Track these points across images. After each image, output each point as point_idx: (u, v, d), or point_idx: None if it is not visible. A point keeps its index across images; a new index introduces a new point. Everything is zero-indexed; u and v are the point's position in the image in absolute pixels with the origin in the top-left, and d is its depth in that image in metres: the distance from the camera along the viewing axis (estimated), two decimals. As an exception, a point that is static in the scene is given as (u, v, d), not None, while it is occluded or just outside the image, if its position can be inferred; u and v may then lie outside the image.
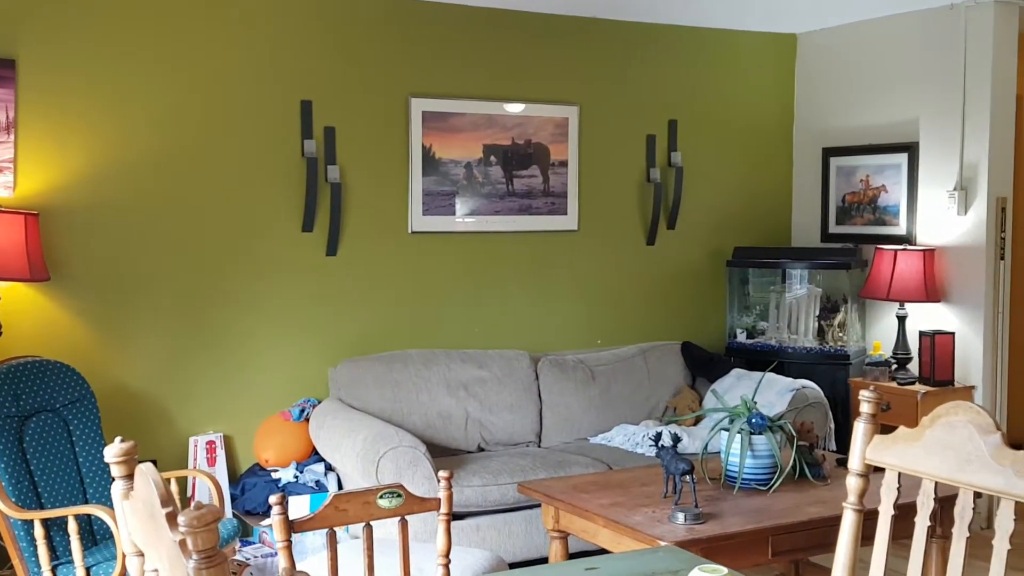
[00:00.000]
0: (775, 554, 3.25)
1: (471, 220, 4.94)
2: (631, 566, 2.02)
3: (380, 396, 4.44)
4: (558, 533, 3.56)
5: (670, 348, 5.27)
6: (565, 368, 4.90)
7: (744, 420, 3.53)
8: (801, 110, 5.79)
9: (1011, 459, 1.66)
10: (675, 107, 5.47)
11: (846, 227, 5.52)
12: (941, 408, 1.77)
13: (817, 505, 3.36)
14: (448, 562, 2.21)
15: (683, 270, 5.56)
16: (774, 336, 5.42)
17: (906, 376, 4.88)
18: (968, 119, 4.84)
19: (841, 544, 1.90)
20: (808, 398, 4.69)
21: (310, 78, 4.55)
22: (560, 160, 5.15)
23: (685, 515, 3.15)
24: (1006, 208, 4.86)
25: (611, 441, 4.71)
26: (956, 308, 4.93)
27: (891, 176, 5.25)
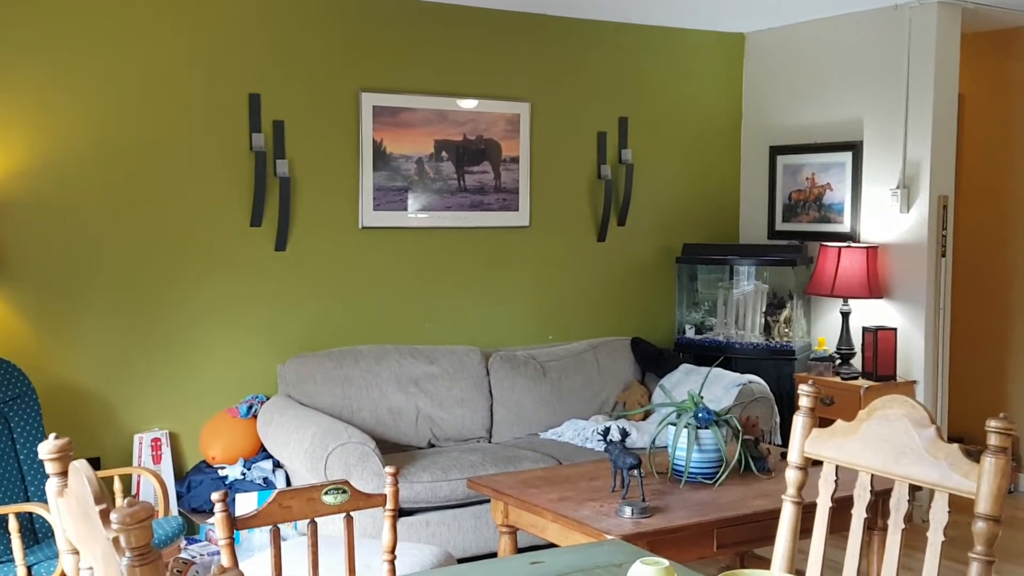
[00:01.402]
0: (720, 546, 3.30)
1: (422, 216, 4.93)
2: (576, 559, 2.04)
3: (329, 392, 4.41)
4: (507, 528, 3.57)
5: (620, 344, 5.31)
6: (516, 364, 4.92)
7: (691, 415, 3.57)
8: (749, 108, 5.86)
9: (945, 452, 1.70)
10: (626, 105, 5.50)
11: (792, 224, 5.60)
12: (877, 402, 1.81)
13: (762, 498, 3.41)
14: (394, 558, 2.21)
15: (633, 266, 5.60)
16: (722, 332, 5.48)
17: (849, 371, 4.97)
18: (911, 118, 4.94)
19: (780, 536, 1.93)
20: (754, 393, 4.75)
21: (259, 71, 4.50)
22: (512, 156, 5.15)
23: (632, 509, 3.18)
24: (947, 206, 4.96)
25: (561, 436, 4.73)
26: (898, 304, 5.03)
27: (836, 174, 5.34)
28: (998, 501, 1.60)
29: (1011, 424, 1.60)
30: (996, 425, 1.60)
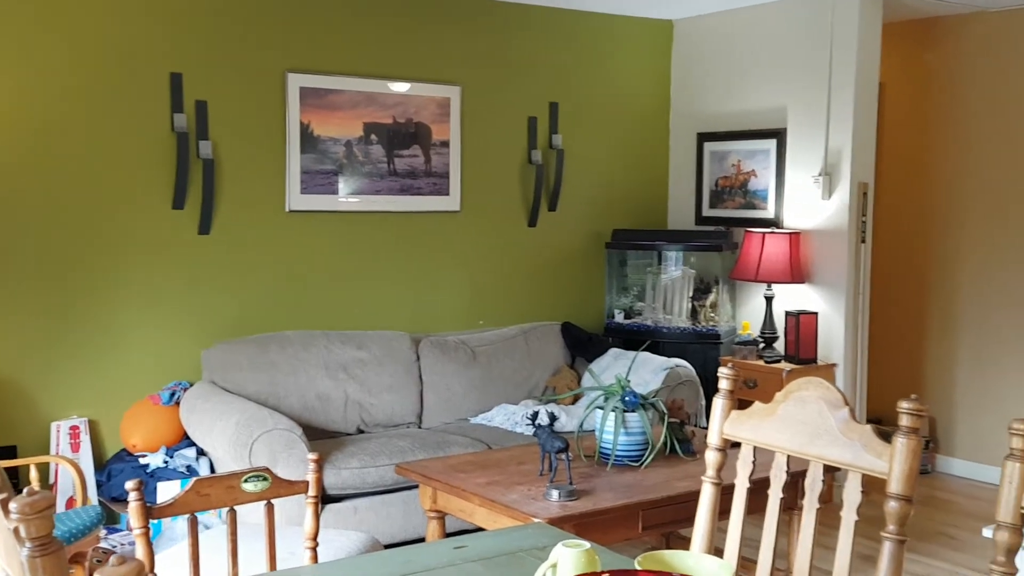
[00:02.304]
0: (645, 528, 3.35)
1: (352, 200, 4.87)
2: (499, 543, 2.04)
3: (255, 379, 4.34)
4: (435, 513, 3.57)
5: (550, 328, 5.33)
6: (446, 349, 4.91)
7: (618, 398, 3.61)
8: (677, 95, 5.91)
9: (859, 433, 1.74)
10: (556, 90, 5.51)
11: (719, 210, 5.68)
12: (793, 384, 1.85)
13: (686, 480, 3.47)
14: (316, 545, 2.19)
15: (564, 252, 5.63)
16: (650, 316, 5.54)
17: (772, 354, 5.07)
18: (833, 107, 5.04)
19: (700, 516, 1.96)
20: (681, 376, 4.82)
21: (180, 49, 4.39)
22: (442, 140, 5.12)
23: (559, 492, 3.20)
24: (867, 193, 5.08)
25: (491, 421, 4.74)
26: (820, 289, 5.14)
27: (761, 161, 5.43)
28: (909, 481, 1.65)
29: (922, 406, 1.65)
30: (907, 407, 1.64)
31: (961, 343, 5.65)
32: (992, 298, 5.50)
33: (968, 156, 5.59)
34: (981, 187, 5.54)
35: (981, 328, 5.56)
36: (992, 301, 5.50)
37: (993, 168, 5.48)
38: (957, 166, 5.65)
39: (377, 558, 2.07)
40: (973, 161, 5.57)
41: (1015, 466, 1.49)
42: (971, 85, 5.55)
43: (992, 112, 5.47)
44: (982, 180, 5.54)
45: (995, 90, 5.45)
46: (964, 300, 5.64)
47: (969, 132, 5.58)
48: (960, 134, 5.62)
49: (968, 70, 5.56)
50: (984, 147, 5.51)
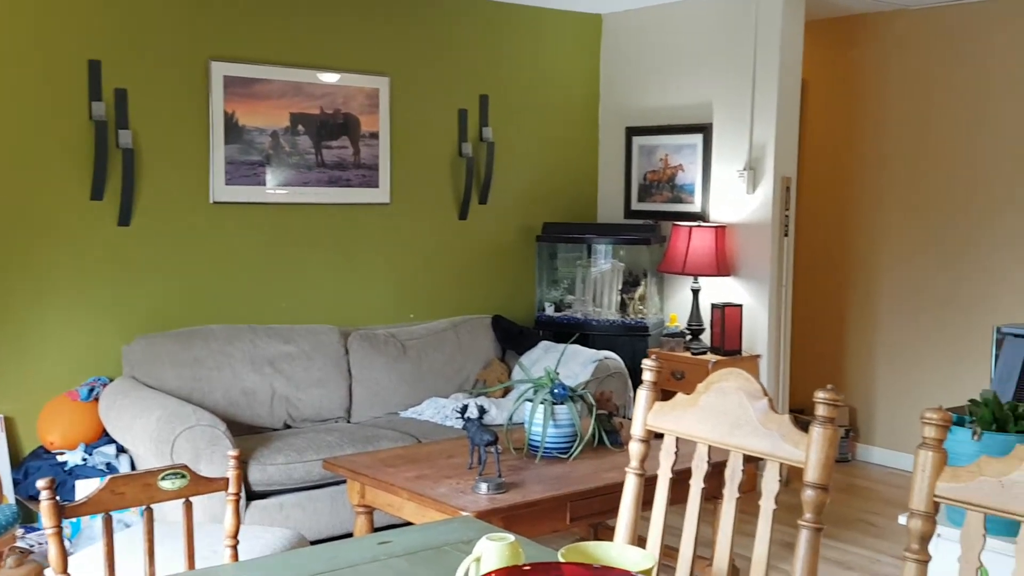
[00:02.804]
0: (573, 519, 3.37)
1: (280, 191, 4.80)
2: (424, 538, 2.03)
3: (178, 374, 4.25)
4: (363, 508, 3.54)
5: (481, 322, 5.33)
6: (376, 342, 4.87)
7: (547, 391, 3.62)
8: (606, 89, 5.95)
9: (777, 423, 1.77)
10: (486, 82, 5.50)
11: (647, 204, 5.74)
12: (714, 375, 1.87)
13: (614, 471, 3.49)
14: (236, 543, 2.15)
15: (495, 245, 5.62)
16: (580, 309, 5.57)
17: (699, 346, 5.14)
18: (757, 102, 5.12)
19: (624, 507, 1.98)
20: (610, 368, 4.85)
21: (99, 36, 4.27)
22: (371, 132, 5.08)
23: (488, 485, 3.20)
24: (790, 187, 5.18)
25: (421, 415, 4.72)
26: (744, 282, 5.23)
27: (687, 156, 5.50)
28: (826, 469, 1.68)
29: (838, 395, 1.68)
30: (824, 396, 1.67)
31: (880, 334, 5.81)
32: (910, 291, 5.66)
33: (888, 152, 5.74)
34: (900, 182, 5.70)
35: (899, 320, 5.71)
36: (910, 294, 5.66)
37: (912, 164, 5.63)
38: (877, 162, 5.79)
39: (300, 555, 2.04)
40: (893, 157, 5.72)
41: (927, 455, 1.53)
42: (891, 82, 5.69)
43: (911, 109, 5.62)
44: (901, 176, 5.69)
45: (914, 87, 5.60)
46: (883, 292, 5.79)
47: (889, 128, 5.73)
48: (880, 130, 5.77)
49: (889, 67, 5.70)
50: (903, 143, 5.66)
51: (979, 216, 5.35)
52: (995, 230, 5.28)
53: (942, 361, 5.50)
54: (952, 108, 5.43)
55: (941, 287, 5.51)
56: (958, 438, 2.16)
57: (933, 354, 5.55)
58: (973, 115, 5.35)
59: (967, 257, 5.40)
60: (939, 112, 5.49)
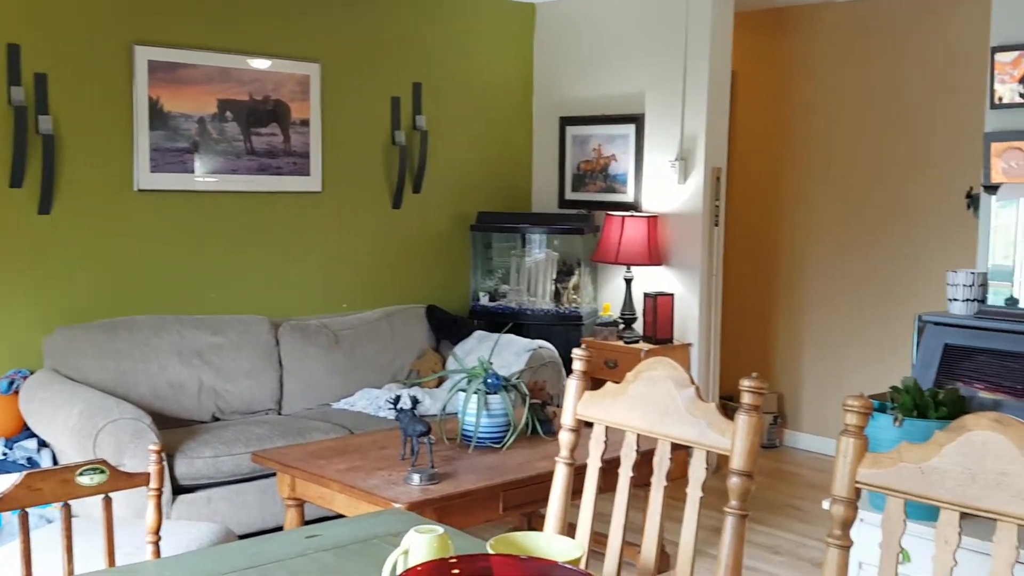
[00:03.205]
0: (506, 508, 3.37)
1: (206, 179, 4.70)
2: (353, 531, 2.01)
3: (101, 366, 4.14)
4: (293, 501, 3.50)
5: (415, 311, 5.30)
6: (307, 333, 4.80)
7: (480, 381, 3.61)
8: (540, 79, 5.95)
9: (703, 411, 1.78)
10: (419, 70, 5.45)
11: (581, 194, 5.76)
12: (643, 364, 1.88)
13: (547, 460, 3.50)
14: (158, 539, 2.10)
15: (429, 234, 5.59)
16: (515, 299, 5.58)
17: (632, 335, 5.18)
18: (688, 93, 5.17)
19: (553, 496, 1.98)
20: (544, 358, 4.86)
21: (17, 19, 4.12)
22: (302, 119, 5.00)
23: (420, 476, 3.19)
24: (720, 178, 5.24)
25: (354, 406, 4.67)
26: (676, 271, 5.28)
27: (620, 146, 5.53)
28: (750, 457, 1.70)
29: (762, 383, 1.70)
30: (749, 384, 1.69)
31: (807, 323, 5.92)
32: (836, 281, 5.78)
33: (816, 144, 5.84)
34: (828, 174, 5.81)
35: (826, 308, 5.83)
36: (836, 284, 5.78)
37: (839, 156, 5.75)
38: (805, 153, 5.89)
39: (225, 550, 2.00)
40: (821, 149, 5.82)
41: (849, 441, 1.56)
42: (820, 74, 5.79)
43: (839, 101, 5.72)
44: (829, 167, 5.80)
45: (842, 79, 5.70)
46: (810, 282, 5.90)
47: (817, 120, 5.83)
48: (808, 122, 5.87)
49: (817, 59, 5.80)
50: (831, 135, 5.77)
51: (903, 207, 5.48)
52: (917, 221, 5.41)
53: (867, 349, 5.63)
54: (879, 100, 5.55)
55: (866, 277, 5.64)
56: (880, 424, 2.20)
57: (858, 342, 5.68)
58: (898, 108, 5.47)
59: (891, 248, 5.53)
60: (866, 104, 5.61)
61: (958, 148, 5.12)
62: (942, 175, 5.28)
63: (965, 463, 1.42)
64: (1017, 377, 2.40)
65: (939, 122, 5.30)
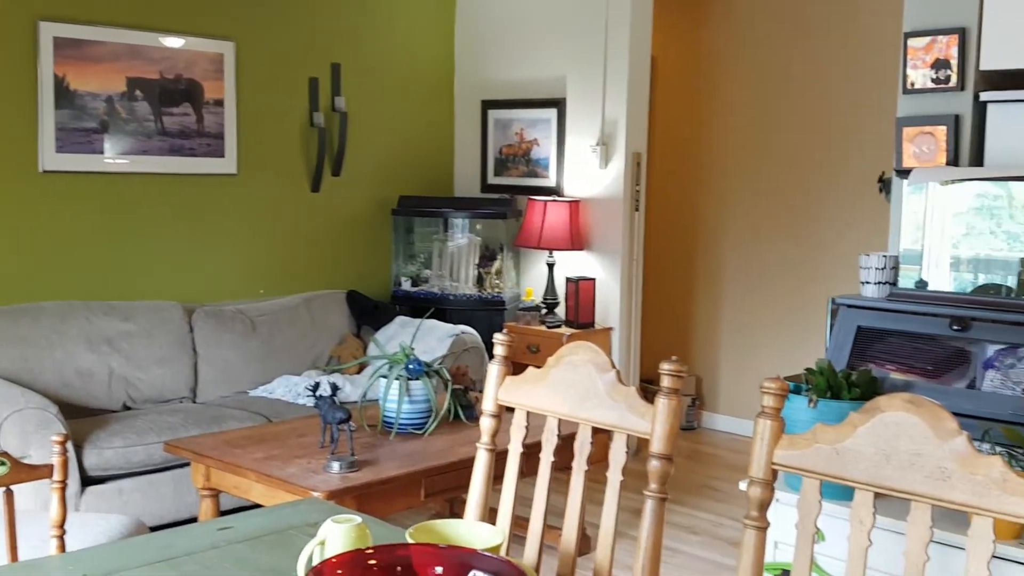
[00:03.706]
0: (428, 495, 3.34)
1: (116, 160, 4.54)
2: (268, 522, 1.95)
3: (5, 354, 3.97)
4: (208, 492, 3.41)
5: (335, 297, 5.22)
6: (223, 319, 4.69)
7: (402, 367, 3.57)
8: (461, 61, 5.90)
9: (624, 395, 1.78)
10: (338, 51, 5.35)
11: (503, 178, 5.74)
12: (564, 349, 1.87)
13: (469, 445, 3.48)
14: (63, 533, 2.02)
15: (349, 218, 5.50)
16: (437, 284, 5.53)
17: (554, 319, 5.19)
18: (609, 78, 5.18)
19: (474, 483, 1.96)
20: (466, 343, 4.84)
21: (-92, -12, 3.91)
22: (216, 99, 4.86)
23: (340, 464, 3.14)
24: (641, 163, 5.27)
25: (272, 393, 4.59)
26: (598, 256, 5.31)
27: (542, 130, 5.52)
28: (670, 440, 1.70)
29: (682, 367, 1.70)
30: (668, 368, 1.69)
31: (725, 306, 6.02)
32: (753, 265, 5.88)
33: (734, 129, 5.92)
34: (744, 159, 5.89)
35: (743, 293, 5.93)
36: (753, 268, 5.88)
37: (756, 141, 5.83)
38: (723, 139, 5.97)
39: (134, 544, 1.93)
40: (738, 134, 5.91)
41: (766, 423, 1.57)
42: (738, 60, 5.87)
43: (757, 87, 5.81)
44: (745, 152, 5.88)
45: (760, 66, 5.78)
46: (728, 267, 5.99)
47: (735, 106, 5.91)
48: (727, 108, 5.94)
49: (735, 46, 5.87)
50: (749, 121, 5.86)
51: (818, 192, 5.59)
52: (832, 206, 5.53)
53: (782, 331, 5.75)
54: (795, 86, 5.65)
55: (782, 261, 5.75)
56: (795, 406, 2.23)
57: (774, 325, 5.79)
58: (815, 93, 5.57)
59: (807, 232, 5.64)
60: (783, 91, 5.70)
61: (872, 133, 5.24)
62: (857, 160, 5.40)
63: (879, 444, 1.44)
64: (927, 358, 2.46)
65: (854, 107, 5.41)
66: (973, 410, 2.19)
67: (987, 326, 2.36)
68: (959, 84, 2.64)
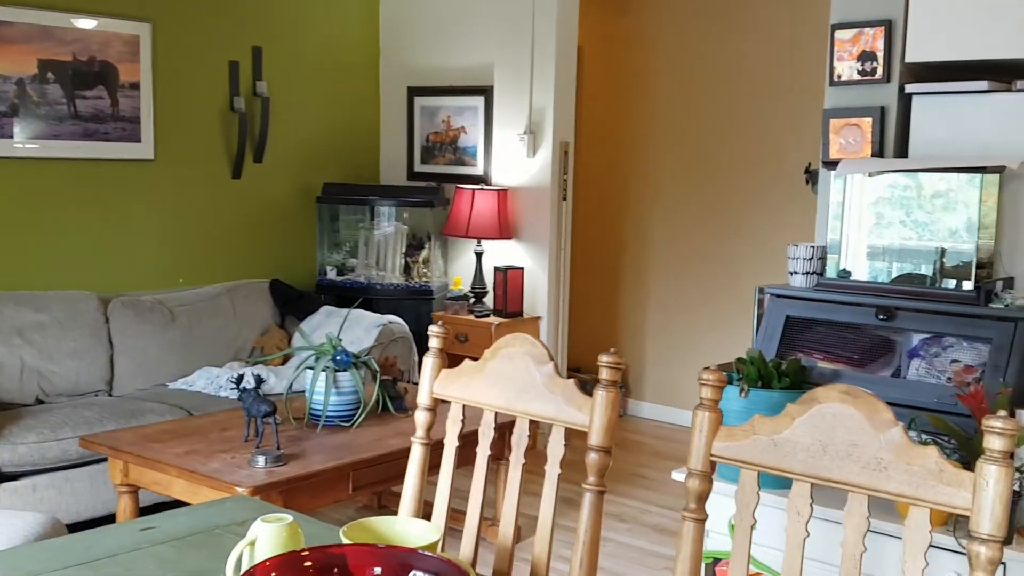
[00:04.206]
0: (356, 488, 3.30)
1: (26, 145, 4.35)
2: (193, 521, 1.89)
3: (-94, 347, 3.79)
4: (127, 488, 3.31)
5: (258, 286, 5.10)
6: (141, 310, 4.54)
7: (329, 358, 3.51)
8: (387, 47, 5.81)
9: (561, 387, 1.76)
10: (260, 33, 5.22)
11: (431, 166, 5.68)
12: (501, 341, 1.84)
13: (398, 437, 3.45)
14: (-26, 538, 1.91)
15: (272, 205, 5.38)
16: (363, 273, 5.45)
17: (482, 309, 5.16)
18: (536, 68, 5.16)
19: (409, 477, 1.92)
20: (394, 333, 4.78)
21: None
22: (131, 82, 4.69)
23: (266, 458, 3.08)
24: (568, 152, 5.27)
25: (193, 386, 4.47)
26: (526, 245, 5.29)
27: (470, 118, 5.47)
28: (608, 433, 1.69)
29: (620, 359, 1.69)
30: (607, 360, 1.68)
31: (651, 295, 6.07)
32: (679, 254, 5.94)
33: (660, 119, 5.96)
34: (670, 149, 5.94)
35: (669, 282, 5.99)
36: (679, 257, 5.94)
37: (683, 132, 5.88)
38: (650, 128, 6.01)
39: (54, 545, 1.84)
40: (665, 124, 5.95)
41: (704, 415, 1.56)
42: (664, 50, 5.90)
43: (683, 77, 5.85)
44: (673, 143, 5.93)
45: (686, 56, 5.83)
46: (655, 256, 6.04)
47: (661, 96, 5.95)
48: (653, 98, 5.98)
49: (661, 36, 5.90)
50: (675, 111, 5.90)
51: (745, 183, 5.67)
52: (759, 196, 5.61)
53: (708, 321, 5.82)
54: (723, 77, 5.70)
55: (709, 250, 5.82)
56: (727, 395, 2.24)
57: (700, 314, 5.86)
58: (742, 85, 5.63)
59: (733, 222, 5.72)
60: (710, 82, 5.75)
61: (800, 124, 5.30)
62: (784, 151, 5.46)
63: (816, 435, 1.45)
64: (854, 347, 2.51)
65: (782, 98, 5.47)
66: (899, 398, 2.23)
67: (912, 315, 2.41)
68: (885, 76, 2.69)
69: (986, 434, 1.28)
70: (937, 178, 2.43)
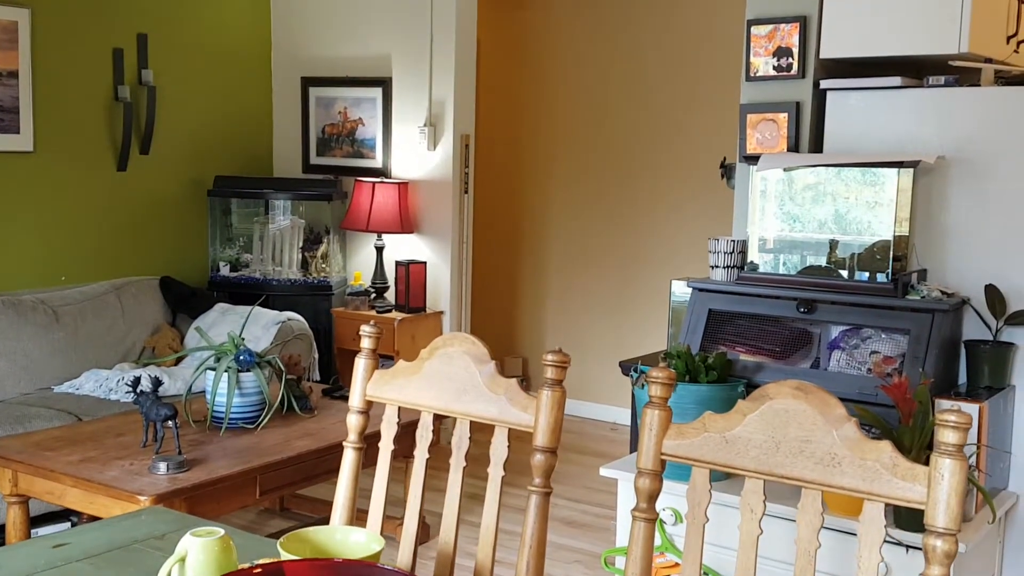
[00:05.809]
0: (263, 493, 3.20)
1: None
2: (109, 536, 1.77)
3: None
4: (16, 498, 3.12)
5: (147, 284, 4.88)
6: (21, 309, 4.28)
7: (231, 358, 3.37)
8: (279, 36, 5.63)
9: (504, 387, 1.71)
10: (145, 20, 4.98)
11: (327, 159, 5.54)
12: (439, 340, 1.78)
13: (305, 438, 3.36)
14: None
15: (160, 199, 5.15)
16: (259, 268, 5.28)
17: (384, 304, 5.07)
18: (435, 59, 5.09)
19: (341, 483, 1.84)
20: (293, 330, 4.65)
21: None
22: (10, 70, 4.41)
23: (167, 464, 2.94)
24: (469, 145, 5.22)
25: (80, 389, 4.24)
26: (427, 239, 5.22)
27: (367, 110, 5.36)
28: (554, 433, 1.65)
29: (566, 357, 1.66)
30: (552, 359, 1.64)
31: (551, 288, 6.08)
32: (580, 248, 5.97)
33: (560, 112, 5.97)
34: (568, 143, 5.96)
35: (571, 276, 6.01)
36: (580, 251, 5.97)
37: (584, 125, 5.91)
38: (550, 122, 6.01)
39: (-51, 572, 1.69)
40: (565, 117, 5.96)
41: (655, 413, 1.54)
42: (562, 43, 5.91)
43: (582, 70, 5.87)
44: (573, 137, 5.95)
45: (584, 49, 5.85)
46: (555, 250, 6.05)
47: (560, 89, 5.95)
48: (552, 91, 5.98)
49: (558, 29, 5.91)
50: (575, 104, 5.92)
51: (651, 177, 5.70)
52: (666, 190, 5.65)
53: (611, 314, 5.87)
54: (627, 71, 5.73)
55: (611, 245, 5.86)
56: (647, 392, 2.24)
57: (602, 307, 5.90)
58: (645, 78, 5.67)
59: (638, 216, 5.76)
60: (611, 74, 5.78)
61: (710, 118, 5.35)
62: (694, 144, 5.49)
63: (768, 431, 1.45)
64: (775, 339, 2.55)
65: (690, 91, 5.52)
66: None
67: (832, 308, 2.46)
68: (800, 72, 2.74)
69: (939, 428, 1.30)
70: (854, 173, 2.48)
